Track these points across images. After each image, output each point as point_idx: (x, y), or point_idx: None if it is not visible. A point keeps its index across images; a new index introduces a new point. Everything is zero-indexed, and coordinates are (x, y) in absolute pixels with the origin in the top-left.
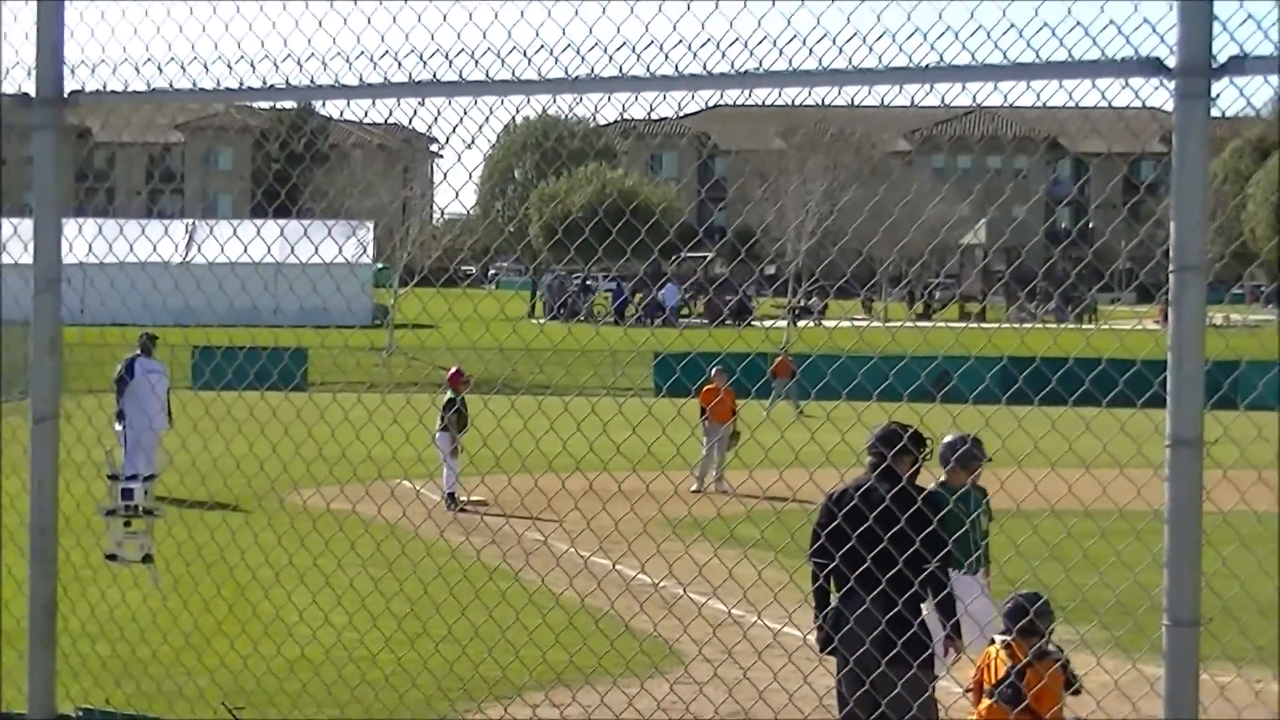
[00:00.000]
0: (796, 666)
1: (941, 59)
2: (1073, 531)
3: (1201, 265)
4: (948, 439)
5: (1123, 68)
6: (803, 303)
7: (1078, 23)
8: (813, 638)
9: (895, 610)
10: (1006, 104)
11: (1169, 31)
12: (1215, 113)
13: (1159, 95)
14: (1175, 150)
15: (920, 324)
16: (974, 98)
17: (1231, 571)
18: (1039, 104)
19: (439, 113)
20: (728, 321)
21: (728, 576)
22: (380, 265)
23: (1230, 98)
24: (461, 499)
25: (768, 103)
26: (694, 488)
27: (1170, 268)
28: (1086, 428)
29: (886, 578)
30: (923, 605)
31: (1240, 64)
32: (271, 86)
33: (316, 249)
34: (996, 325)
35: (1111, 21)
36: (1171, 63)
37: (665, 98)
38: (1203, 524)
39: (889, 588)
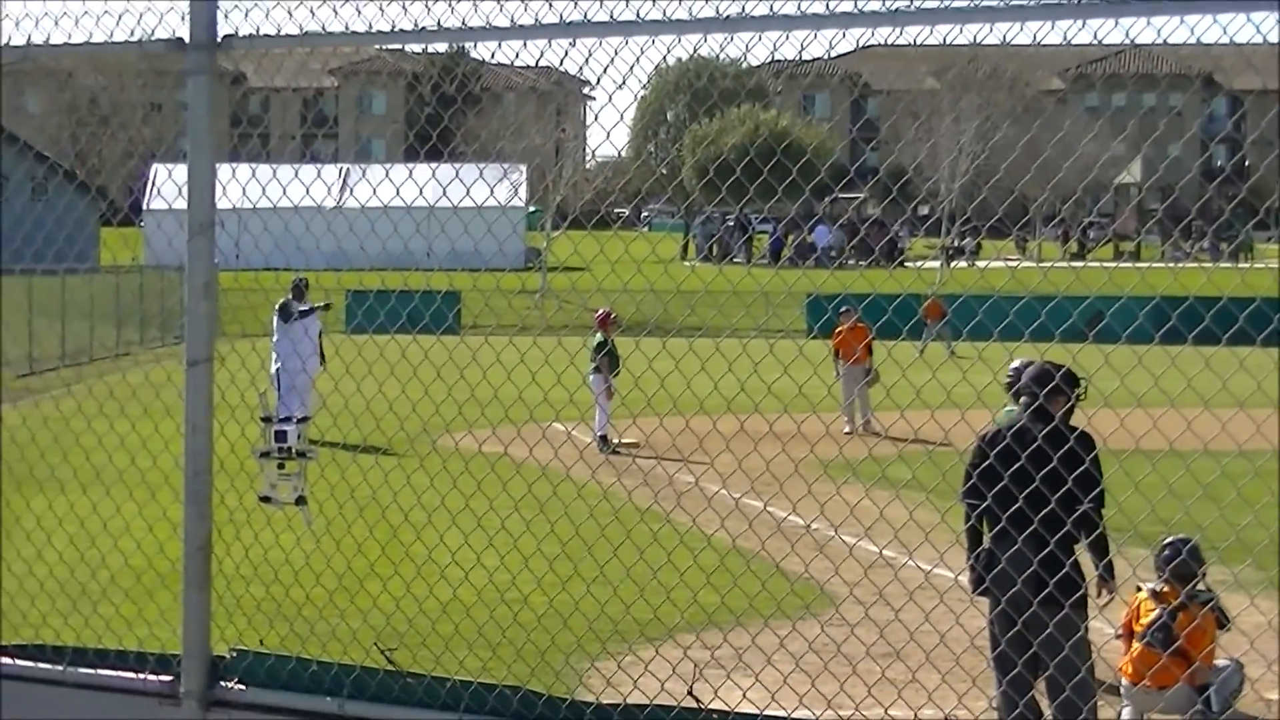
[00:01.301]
0: (948, 607)
1: None
2: (1226, 471)
3: None
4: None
5: None
6: (956, 242)
7: None
8: (965, 578)
9: (1048, 550)
10: (1160, 40)
11: None
12: None
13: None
14: None
15: (1074, 264)
16: (1127, 34)
17: None
18: (1193, 39)
19: (590, 54)
20: (880, 262)
21: (879, 517)
22: (533, 208)
23: None
24: (614, 441)
25: (920, 42)
26: (845, 429)
27: None
28: (1240, 366)
29: (1039, 518)
30: (1075, 546)
31: None
32: (423, 29)
33: (468, 191)
34: (1149, 264)
35: None
36: None
37: (816, 36)
38: None
39: (1041, 528)
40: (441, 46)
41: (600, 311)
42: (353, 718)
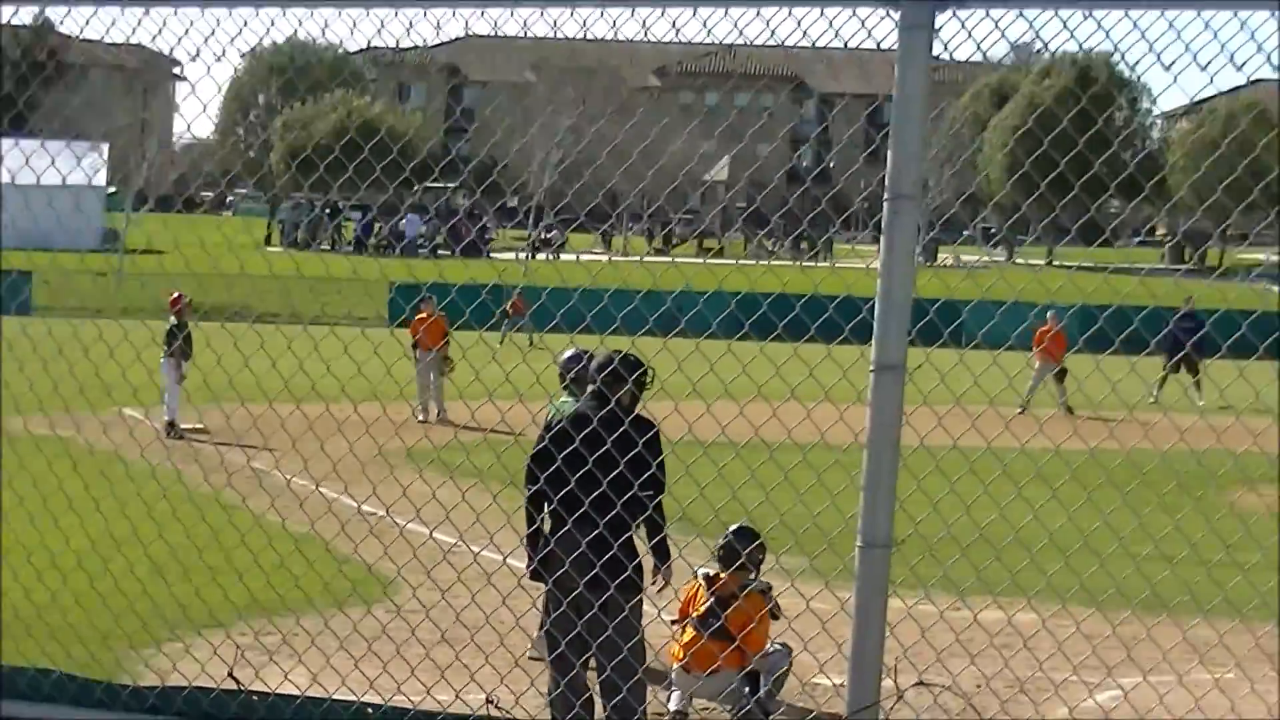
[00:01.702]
0: (496, 589)
1: None
2: (776, 458)
3: (916, 195)
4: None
5: None
6: (543, 236)
7: None
8: (517, 562)
9: (600, 536)
10: (745, 42)
11: None
12: (958, 55)
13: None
14: (896, 79)
15: (658, 260)
16: (710, 32)
17: (927, 496)
18: (776, 42)
19: (187, 31)
20: (465, 253)
21: (430, 499)
22: (112, 189)
23: (966, 41)
24: (184, 426)
25: (521, 34)
26: (419, 418)
27: (885, 196)
28: (794, 354)
29: (590, 502)
30: (633, 533)
31: None
32: None
33: (46, 168)
34: (734, 262)
35: None
36: None
37: (412, 30)
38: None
39: (596, 513)
40: (26, 17)
41: (174, 294)
42: None
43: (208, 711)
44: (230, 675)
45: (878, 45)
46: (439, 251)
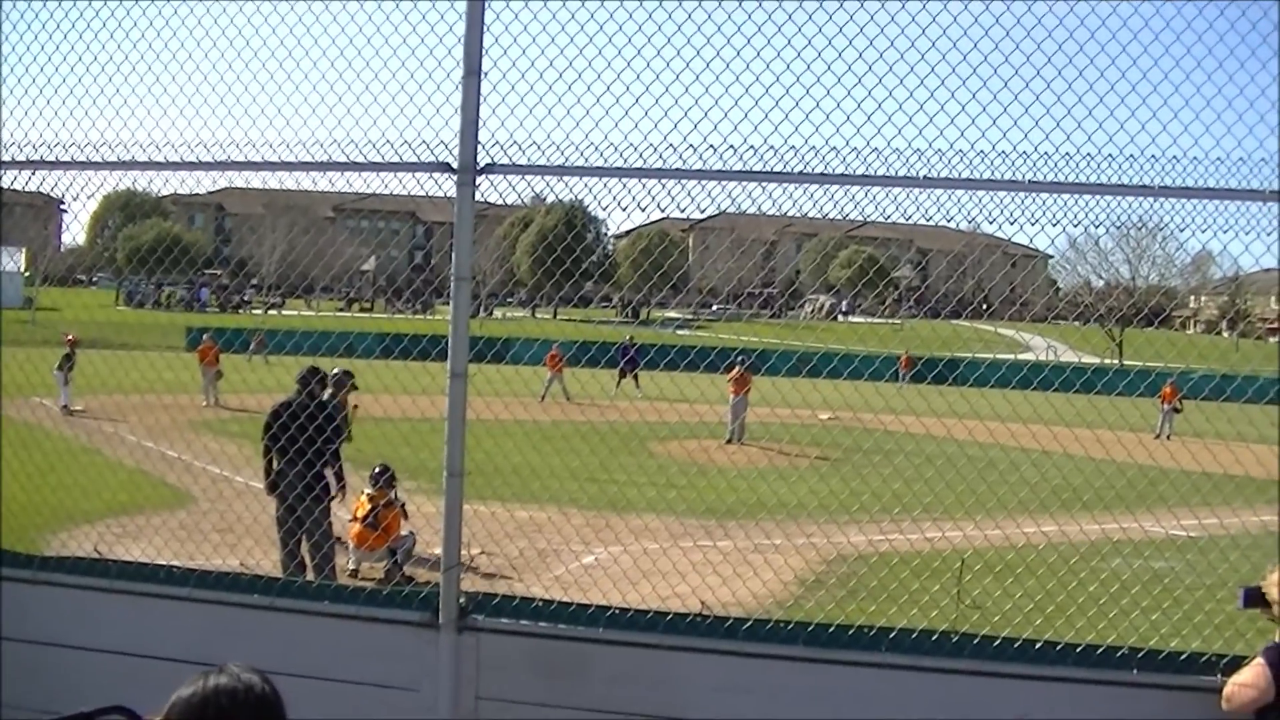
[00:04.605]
0: (250, 504)
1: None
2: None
3: (467, 277)
4: (334, 372)
5: (429, 166)
6: (272, 300)
7: (415, 137)
8: (262, 486)
9: (310, 471)
10: (375, 192)
11: (455, 145)
12: (493, 198)
13: (447, 185)
14: (456, 213)
15: (340, 314)
16: (368, 185)
17: (493, 441)
18: (405, 193)
19: (69, 185)
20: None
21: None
22: (27, 273)
23: (498, 188)
24: (74, 408)
25: (256, 186)
26: (204, 404)
27: (452, 276)
28: (424, 368)
29: (300, 452)
30: (326, 469)
31: (491, 168)
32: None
33: None
34: (375, 316)
35: (423, 140)
36: (455, 164)
37: (198, 183)
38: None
39: (308, 458)
40: None
41: (68, 335)
42: None
43: (83, 572)
44: (95, 550)
45: (445, 195)
46: (207, 309)
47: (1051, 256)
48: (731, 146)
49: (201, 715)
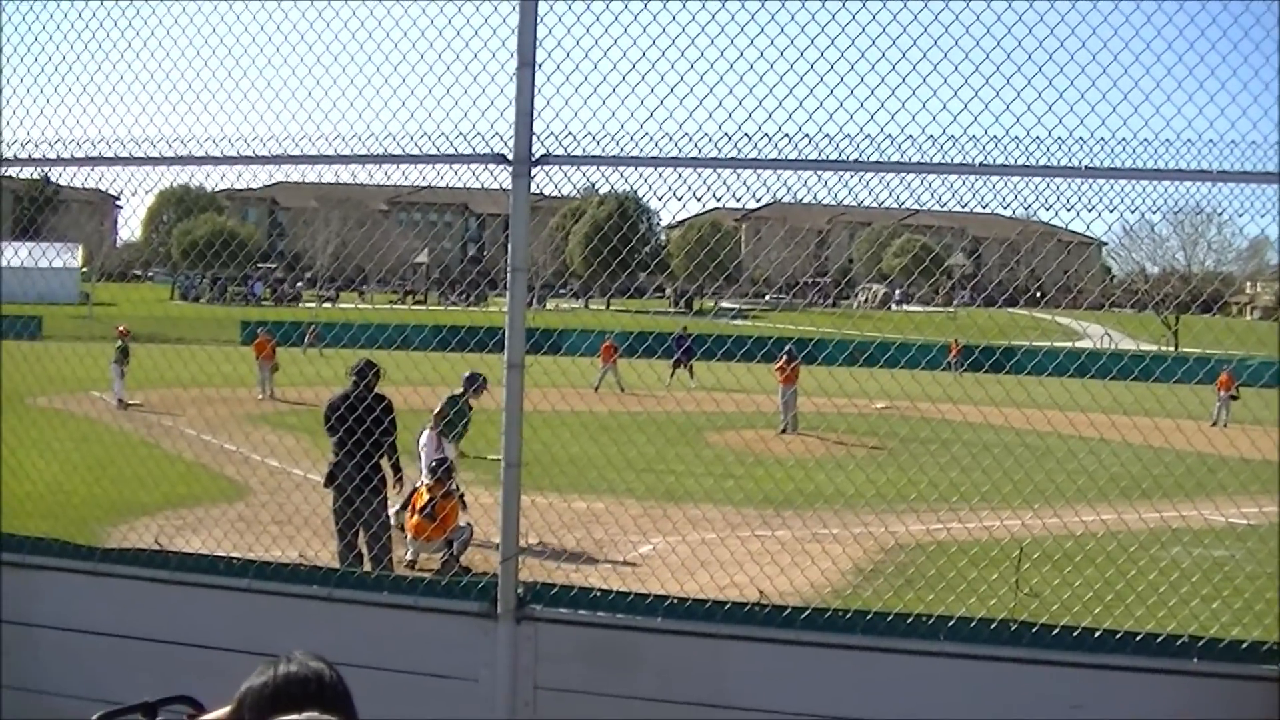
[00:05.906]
0: (308, 496)
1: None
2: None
3: (523, 268)
4: (467, 374)
5: (485, 158)
6: (325, 293)
7: (469, 129)
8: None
9: (367, 463)
10: (428, 183)
11: (510, 136)
12: (548, 189)
13: (501, 176)
14: (511, 205)
15: (396, 307)
16: (423, 177)
17: (550, 431)
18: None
19: (127, 182)
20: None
21: (278, 443)
22: (84, 269)
23: (552, 179)
24: (130, 402)
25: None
26: (259, 397)
27: (508, 267)
28: (463, 359)
29: (359, 444)
30: (383, 460)
31: (546, 159)
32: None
33: (52, 259)
34: (431, 308)
35: (477, 132)
36: (510, 155)
37: (253, 178)
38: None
39: (366, 450)
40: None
41: (120, 327)
42: None
43: (144, 564)
44: (155, 542)
45: (500, 187)
46: (263, 302)
47: (1106, 243)
48: (786, 135)
49: (274, 704)
